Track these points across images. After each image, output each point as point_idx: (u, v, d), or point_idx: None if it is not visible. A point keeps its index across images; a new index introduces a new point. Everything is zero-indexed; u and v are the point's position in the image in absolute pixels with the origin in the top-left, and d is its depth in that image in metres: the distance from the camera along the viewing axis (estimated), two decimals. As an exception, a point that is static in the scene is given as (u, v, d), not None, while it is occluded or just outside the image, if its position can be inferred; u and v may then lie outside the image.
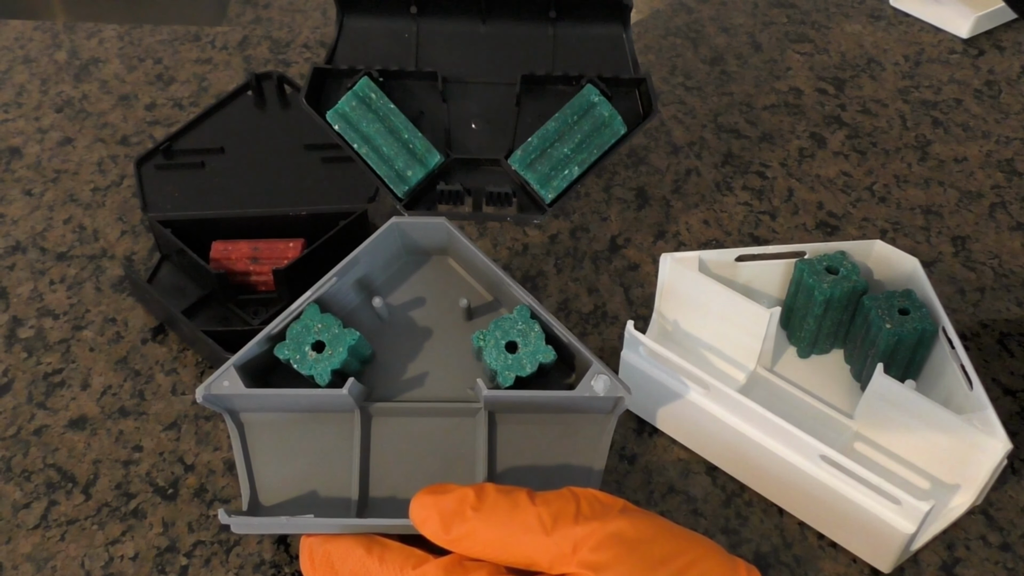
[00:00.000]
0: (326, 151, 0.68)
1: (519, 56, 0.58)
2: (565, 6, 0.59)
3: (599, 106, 0.56)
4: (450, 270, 0.53)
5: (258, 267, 0.62)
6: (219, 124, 0.70)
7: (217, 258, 0.62)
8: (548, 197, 0.56)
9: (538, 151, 0.55)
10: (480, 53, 0.59)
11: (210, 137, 0.69)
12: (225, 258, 0.62)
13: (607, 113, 0.56)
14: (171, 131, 0.69)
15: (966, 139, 0.75)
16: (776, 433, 0.51)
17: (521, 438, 0.49)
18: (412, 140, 0.54)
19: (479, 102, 0.60)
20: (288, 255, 0.63)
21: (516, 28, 0.59)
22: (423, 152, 0.54)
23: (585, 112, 0.56)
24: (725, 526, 0.53)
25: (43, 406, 0.59)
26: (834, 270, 0.56)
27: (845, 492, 0.50)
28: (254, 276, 0.63)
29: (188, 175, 0.67)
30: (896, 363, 0.55)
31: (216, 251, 0.63)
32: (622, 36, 0.59)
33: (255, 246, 0.63)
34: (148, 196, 0.65)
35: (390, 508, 0.48)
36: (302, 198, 0.66)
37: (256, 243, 0.63)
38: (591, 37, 0.58)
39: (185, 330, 0.60)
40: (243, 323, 0.62)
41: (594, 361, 0.47)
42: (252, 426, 0.49)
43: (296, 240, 0.64)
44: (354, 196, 0.65)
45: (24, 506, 0.54)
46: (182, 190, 0.66)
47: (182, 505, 0.54)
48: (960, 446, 0.51)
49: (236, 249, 0.63)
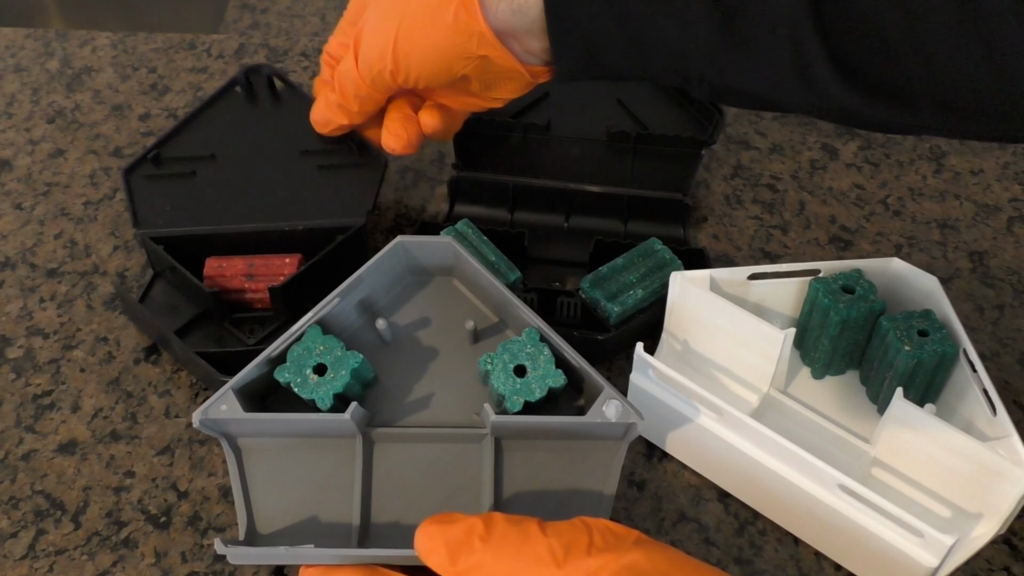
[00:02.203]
0: (321, 157, 0.65)
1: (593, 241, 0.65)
2: (636, 208, 0.67)
3: (661, 252, 0.61)
4: (455, 291, 0.52)
5: (254, 284, 0.60)
6: (209, 127, 0.67)
7: (211, 275, 0.60)
8: (614, 312, 0.58)
9: (606, 278, 0.60)
10: (562, 240, 0.67)
11: (200, 143, 0.66)
12: (219, 275, 0.60)
13: (668, 257, 0.61)
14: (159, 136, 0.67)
15: (982, 150, 0.73)
16: (792, 460, 0.49)
17: (528, 464, 0.48)
18: (498, 262, 0.59)
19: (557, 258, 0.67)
20: (284, 272, 0.61)
21: (593, 222, 0.67)
22: (505, 269, 0.59)
23: (649, 255, 0.61)
24: (738, 556, 0.52)
25: (31, 430, 0.57)
26: (850, 289, 0.54)
27: (865, 523, 0.48)
28: (249, 294, 0.60)
29: (179, 185, 0.64)
30: (915, 386, 0.53)
31: (210, 268, 0.60)
32: (680, 230, 0.67)
33: (250, 262, 0.61)
34: (139, 209, 0.63)
35: (393, 537, 0.47)
36: (298, 209, 0.63)
37: (251, 259, 0.61)
38: (657, 232, 0.65)
39: (178, 351, 0.58)
40: (238, 343, 0.60)
41: (605, 386, 0.45)
42: (249, 451, 0.48)
43: (293, 256, 0.62)
44: (352, 207, 0.63)
45: (11, 535, 0.52)
46: (173, 202, 0.64)
47: (175, 534, 0.52)
48: (983, 474, 0.49)
49: (231, 266, 0.61)
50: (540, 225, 0.67)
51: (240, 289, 0.60)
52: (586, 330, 0.59)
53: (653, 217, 0.67)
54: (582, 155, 0.68)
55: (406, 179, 0.72)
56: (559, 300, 0.61)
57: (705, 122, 0.68)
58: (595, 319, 0.60)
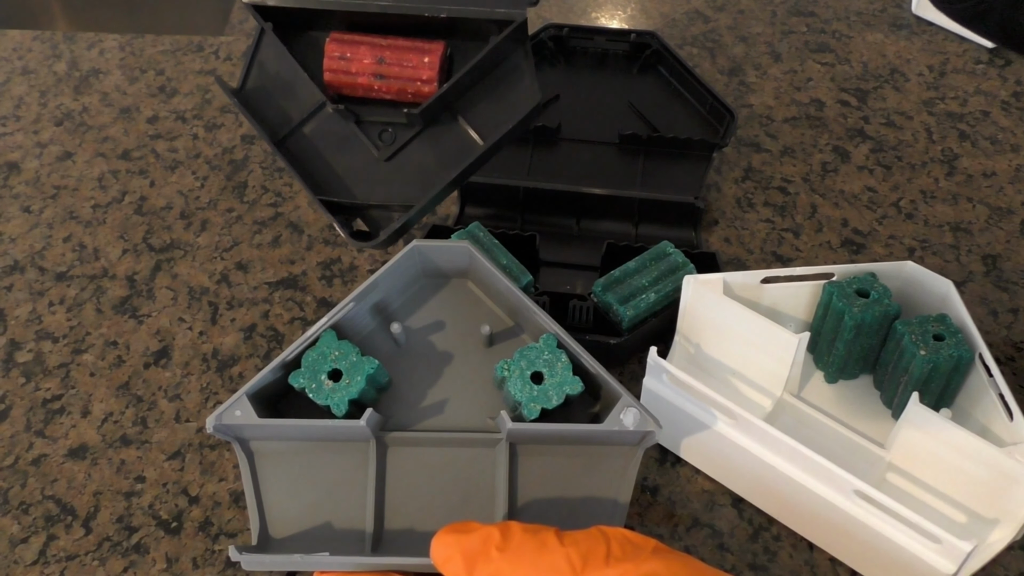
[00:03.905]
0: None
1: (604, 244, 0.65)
2: (647, 211, 0.66)
3: (673, 255, 0.61)
4: (469, 294, 0.51)
5: (384, 85, 0.51)
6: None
7: (333, 69, 0.50)
8: (627, 316, 0.58)
9: (619, 281, 0.60)
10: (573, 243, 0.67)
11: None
12: (344, 71, 0.51)
13: (680, 260, 0.61)
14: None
15: (994, 152, 0.73)
16: (807, 465, 0.49)
17: (543, 470, 0.47)
18: (510, 265, 0.59)
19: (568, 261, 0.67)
20: (422, 75, 0.50)
21: (604, 225, 0.67)
22: (517, 273, 0.59)
23: (661, 258, 0.61)
24: (753, 562, 0.51)
25: (42, 434, 0.57)
26: (864, 293, 0.54)
27: (881, 529, 0.47)
28: (377, 93, 0.52)
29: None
30: (930, 391, 0.53)
31: (331, 59, 0.50)
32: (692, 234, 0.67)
33: (380, 55, 0.50)
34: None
35: (406, 542, 0.47)
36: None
37: (382, 49, 0.50)
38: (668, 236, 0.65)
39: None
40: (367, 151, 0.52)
41: (624, 393, 0.45)
42: (262, 455, 0.47)
43: (434, 46, 0.50)
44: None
45: (22, 540, 0.52)
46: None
47: (186, 539, 0.52)
48: (1000, 479, 0.48)
49: (357, 57, 0.50)
50: (551, 228, 0.67)
51: (367, 88, 0.52)
52: (598, 334, 0.59)
53: (664, 220, 0.66)
54: (593, 158, 0.68)
55: (415, 182, 0.71)
56: (571, 304, 0.60)
57: (716, 124, 0.68)
58: (607, 323, 0.60)
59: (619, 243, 0.63)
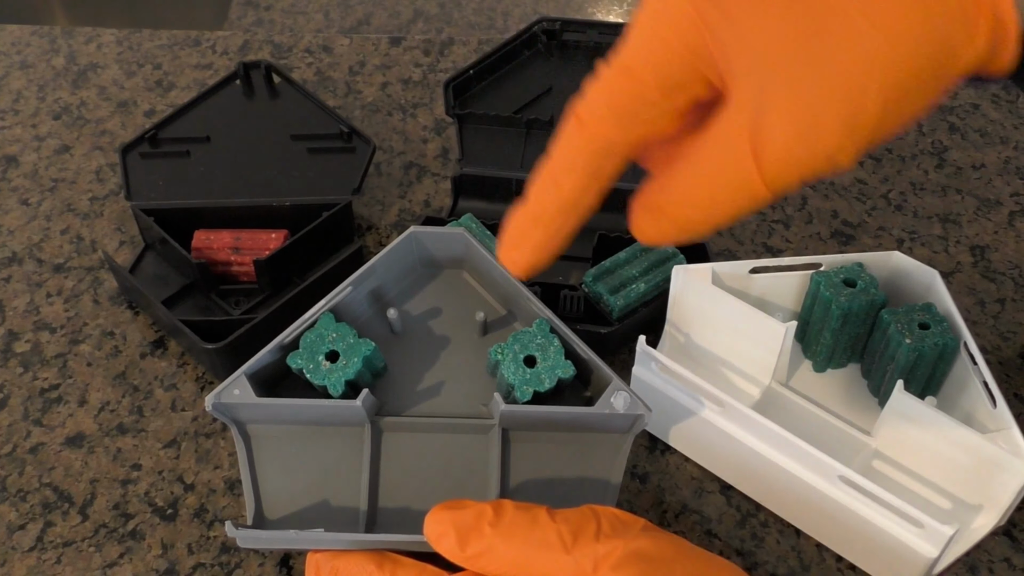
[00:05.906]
0: (312, 141, 0.67)
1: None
2: None
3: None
4: (464, 283, 0.52)
5: (240, 257, 0.62)
6: (206, 113, 0.69)
7: (199, 247, 0.62)
8: (617, 305, 0.59)
9: (609, 272, 0.61)
10: None
11: (197, 126, 0.68)
12: (207, 248, 0.62)
13: (670, 251, 0.61)
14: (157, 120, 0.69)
15: (984, 145, 0.73)
16: (793, 452, 0.50)
17: (535, 456, 0.48)
18: None
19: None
20: (270, 246, 0.62)
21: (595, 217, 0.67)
22: None
23: (651, 249, 0.61)
24: (740, 547, 0.52)
25: (39, 423, 0.57)
26: (851, 283, 0.55)
27: (865, 514, 0.48)
28: (236, 266, 0.62)
29: (173, 164, 0.67)
30: (915, 379, 0.53)
31: (198, 240, 0.62)
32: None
33: (237, 236, 0.63)
34: (133, 185, 0.65)
35: (400, 524, 0.47)
36: (287, 188, 0.65)
37: (238, 233, 0.63)
38: None
39: (164, 319, 0.59)
40: (223, 314, 0.62)
41: (614, 378, 0.46)
42: (258, 438, 0.48)
43: (279, 231, 0.63)
44: (340, 187, 0.65)
45: (19, 527, 0.53)
46: (167, 179, 0.66)
47: (182, 526, 0.53)
48: (983, 466, 0.49)
49: (218, 239, 0.63)
50: None
51: (227, 262, 0.62)
52: (589, 324, 0.59)
53: None
54: (585, 150, 0.68)
55: (410, 174, 0.72)
56: (562, 294, 0.61)
57: (707, 116, 0.68)
58: (598, 313, 0.60)
59: (610, 234, 0.64)
